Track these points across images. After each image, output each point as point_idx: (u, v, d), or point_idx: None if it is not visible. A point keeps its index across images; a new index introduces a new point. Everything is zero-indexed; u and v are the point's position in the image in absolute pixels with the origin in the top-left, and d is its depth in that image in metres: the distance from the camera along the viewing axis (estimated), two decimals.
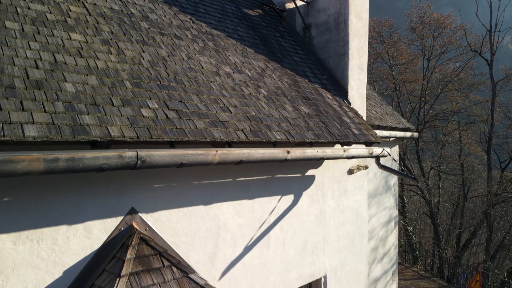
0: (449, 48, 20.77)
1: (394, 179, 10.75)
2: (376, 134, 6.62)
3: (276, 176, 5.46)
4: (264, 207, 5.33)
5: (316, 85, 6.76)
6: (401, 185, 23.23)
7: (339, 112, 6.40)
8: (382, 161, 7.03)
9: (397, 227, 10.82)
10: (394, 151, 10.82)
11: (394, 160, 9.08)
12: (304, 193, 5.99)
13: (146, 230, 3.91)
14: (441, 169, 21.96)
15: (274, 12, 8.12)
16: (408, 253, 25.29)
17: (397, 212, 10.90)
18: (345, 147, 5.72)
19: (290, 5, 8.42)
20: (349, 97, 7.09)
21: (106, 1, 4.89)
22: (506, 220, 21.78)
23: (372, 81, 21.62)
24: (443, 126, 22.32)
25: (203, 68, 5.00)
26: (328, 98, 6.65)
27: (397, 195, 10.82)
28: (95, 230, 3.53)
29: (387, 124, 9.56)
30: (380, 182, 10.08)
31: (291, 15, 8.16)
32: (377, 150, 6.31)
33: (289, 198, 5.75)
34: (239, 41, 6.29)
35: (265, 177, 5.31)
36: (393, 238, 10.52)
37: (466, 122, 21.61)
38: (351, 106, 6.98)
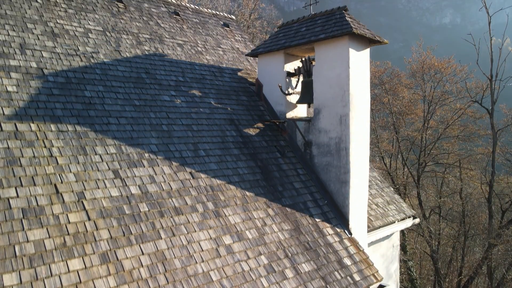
0: (449, 92, 20.75)
1: (395, 265, 10.70)
2: (377, 271, 6.59)
3: None
4: None
5: (317, 219, 6.71)
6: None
7: (339, 254, 6.36)
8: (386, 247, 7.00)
9: None
10: (395, 236, 10.78)
11: None
12: None
13: None
14: (442, 215, 21.93)
15: (275, 125, 8.08)
16: None
17: None
18: None
19: (292, 114, 8.38)
20: (350, 226, 7.04)
21: (106, 187, 4.85)
22: (507, 253, 21.71)
23: (374, 128, 21.59)
24: (443, 167, 22.26)
25: (202, 250, 4.96)
26: (329, 234, 6.61)
27: (398, 281, 10.77)
28: None
29: (388, 219, 9.51)
30: (382, 272, 10.03)
31: (292, 127, 8.11)
32: None
33: None
34: (239, 186, 6.25)
35: None
36: None
37: (467, 167, 21.54)
38: (352, 236, 6.94)
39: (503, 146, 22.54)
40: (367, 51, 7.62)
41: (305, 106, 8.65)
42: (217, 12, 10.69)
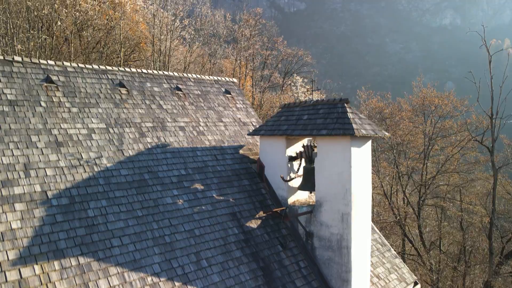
0: (450, 128, 20.85)
1: None
2: None
3: None
4: None
5: None
6: (402, 255, 23.27)
7: None
8: None
9: None
10: None
11: None
12: None
13: None
14: (443, 247, 21.99)
15: (276, 214, 8.10)
16: None
17: None
18: None
19: (293, 198, 8.42)
20: None
21: None
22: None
23: (374, 161, 21.66)
24: (444, 199, 22.29)
25: None
26: None
27: None
28: None
29: None
30: None
31: (293, 211, 8.14)
32: None
33: None
34: None
35: None
36: None
37: (468, 201, 21.60)
38: None
39: (503, 176, 22.61)
40: (368, 144, 7.65)
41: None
42: (219, 78, 10.73)
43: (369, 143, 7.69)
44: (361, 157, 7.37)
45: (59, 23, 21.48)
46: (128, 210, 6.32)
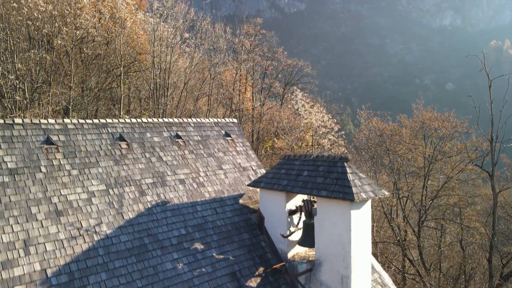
0: (450, 150, 20.90)
1: None
2: None
3: None
4: None
5: None
6: (403, 274, 23.31)
7: None
8: None
9: None
10: None
11: None
12: None
13: None
14: (443, 269, 22.02)
15: (276, 270, 8.10)
16: None
17: None
18: None
19: (293, 251, 8.43)
20: None
21: None
22: None
23: (373, 176, 21.71)
24: (444, 217, 22.31)
25: None
26: None
27: None
28: None
29: None
30: None
31: (293, 268, 8.15)
32: None
33: None
34: None
35: None
36: None
37: (467, 223, 21.62)
38: None
39: (504, 198, 22.62)
40: (368, 203, 7.65)
41: None
42: (219, 120, 10.73)
43: (369, 202, 7.69)
44: (361, 219, 7.38)
45: (59, 41, 21.45)
46: (127, 282, 6.32)
